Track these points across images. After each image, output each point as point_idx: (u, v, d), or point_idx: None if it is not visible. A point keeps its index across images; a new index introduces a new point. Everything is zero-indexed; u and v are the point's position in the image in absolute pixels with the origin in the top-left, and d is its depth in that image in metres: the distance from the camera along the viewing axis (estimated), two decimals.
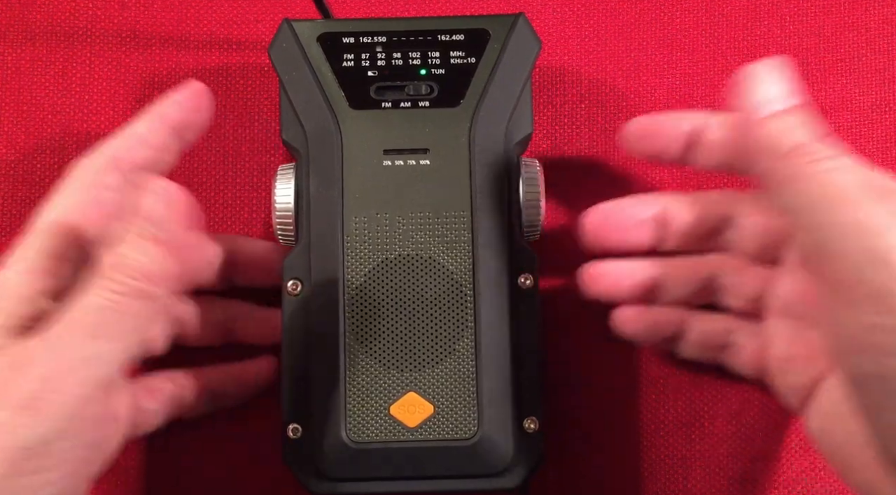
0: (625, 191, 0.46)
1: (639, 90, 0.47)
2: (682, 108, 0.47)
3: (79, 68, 0.47)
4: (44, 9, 0.48)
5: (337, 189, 0.39)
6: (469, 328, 0.38)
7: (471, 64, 0.40)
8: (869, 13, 0.47)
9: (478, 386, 0.38)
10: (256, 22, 0.48)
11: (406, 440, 0.38)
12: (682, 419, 0.44)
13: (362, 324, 0.39)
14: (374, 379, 0.38)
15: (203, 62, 0.47)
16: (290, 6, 0.48)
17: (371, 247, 0.39)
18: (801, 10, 0.48)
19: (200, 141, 0.42)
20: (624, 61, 0.47)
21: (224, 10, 0.48)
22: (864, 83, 0.47)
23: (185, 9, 0.48)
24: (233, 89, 0.47)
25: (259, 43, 0.47)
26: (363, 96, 0.40)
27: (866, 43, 0.47)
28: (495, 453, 0.38)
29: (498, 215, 0.39)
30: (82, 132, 0.47)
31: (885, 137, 0.46)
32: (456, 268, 0.39)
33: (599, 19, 0.48)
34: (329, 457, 0.38)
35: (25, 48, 0.47)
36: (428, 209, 0.39)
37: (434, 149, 0.40)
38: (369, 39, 0.41)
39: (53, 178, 0.46)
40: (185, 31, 0.48)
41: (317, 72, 0.40)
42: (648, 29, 0.48)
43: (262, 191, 0.46)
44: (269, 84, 0.47)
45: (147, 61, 0.47)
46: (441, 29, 0.41)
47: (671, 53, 0.47)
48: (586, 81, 0.47)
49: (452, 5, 0.48)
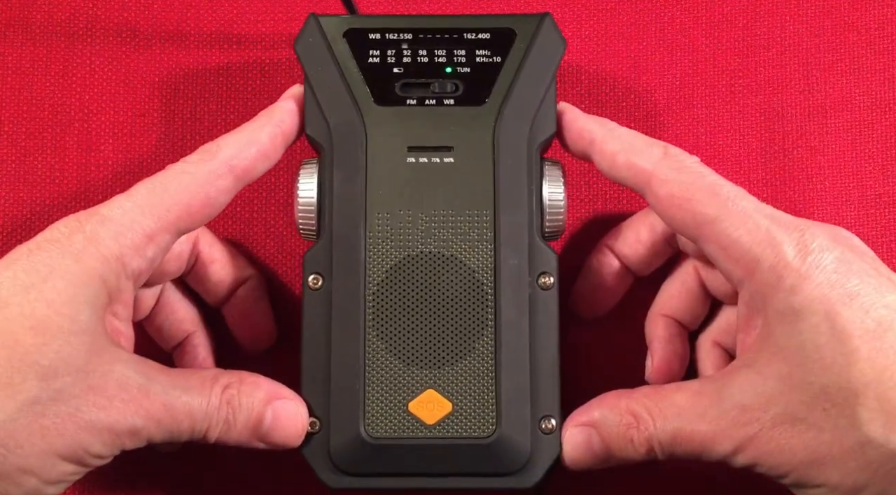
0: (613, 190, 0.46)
1: (639, 90, 0.47)
2: (682, 108, 0.47)
3: (79, 68, 0.47)
4: (44, 9, 0.48)
5: (360, 185, 0.39)
6: (489, 326, 0.39)
7: (496, 63, 0.40)
8: (869, 13, 0.47)
9: (497, 384, 0.38)
10: (256, 22, 0.48)
11: (424, 437, 0.38)
12: None
13: (383, 321, 0.39)
14: (393, 376, 0.38)
15: (203, 62, 0.47)
16: (291, 6, 0.48)
17: (393, 244, 0.39)
18: (801, 10, 0.48)
19: (198, 141, 0.42)
20: (624, 61, 0.47)
21: (224, 10, 0.48)
22: (864, 83, 0.47)
23: (185, 9, 0.48)
24: (233, 89, 0.47)
25: (259, 42, 0.47)
26: (388, 93, 0.40)
27: (866, 43, 0.47)
28: (513, 452, 0.38)
29: (520, 214, 0.39)
30: (82, 132, 0.47)
31: (885, 137, 0.46)
32: (477, 267, 0.39)
33: (599, 19, 0.48)
34: (347, 452, 0.38)
35: (26, 48, 0.47)
36: (450, 207, 0.39)
37: (458, 148, 0.40)
38: (395, 36, 0.41)
39: (53, 178, 0.46)
40: (185, 31, 0.48)
41: (342, 67, 0.40)
42: (648, 29, 0.48)
43: (262, 191, 0.46)
44: (269, 84, 0.47)
45: (147, 61, 0.47)
46: (467, 27, 0.41)
47: (671, 53, 0.47)
48: (586, 81, 0.47)
49: (461, 3, 0.48)
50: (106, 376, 0.35)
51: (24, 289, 0.34)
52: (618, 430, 0.37)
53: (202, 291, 0.43)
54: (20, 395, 0.33)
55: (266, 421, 0.37)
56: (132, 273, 0.36)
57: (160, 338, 0.43)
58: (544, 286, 0.39)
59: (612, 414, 0.37)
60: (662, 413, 0.37)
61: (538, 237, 0.39)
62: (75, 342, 0.34)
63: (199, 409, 0.36)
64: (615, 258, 0.43)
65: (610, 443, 0.37)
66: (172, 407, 0.35)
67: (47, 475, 0.34)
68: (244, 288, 0.43)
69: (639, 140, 0.39)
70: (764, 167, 0.46)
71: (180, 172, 0.37)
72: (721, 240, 0.36)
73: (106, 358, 0.35)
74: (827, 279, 0.35)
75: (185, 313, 0.43)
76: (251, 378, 0.38)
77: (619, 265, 0.43)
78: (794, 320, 0.35)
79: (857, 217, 0.46)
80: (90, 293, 0.35)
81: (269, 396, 0.38)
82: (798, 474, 0.35)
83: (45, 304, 0.34)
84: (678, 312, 0.43)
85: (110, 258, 0.35)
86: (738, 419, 0.35)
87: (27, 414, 0.33)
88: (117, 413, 0.34)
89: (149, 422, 0.35)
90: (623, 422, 0.37)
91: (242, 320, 0.44)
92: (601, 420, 0.38)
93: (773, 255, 0.35)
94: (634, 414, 0.37)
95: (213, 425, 0.37)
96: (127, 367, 0.35)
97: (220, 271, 0.43)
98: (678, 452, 0.37)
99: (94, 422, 0.34)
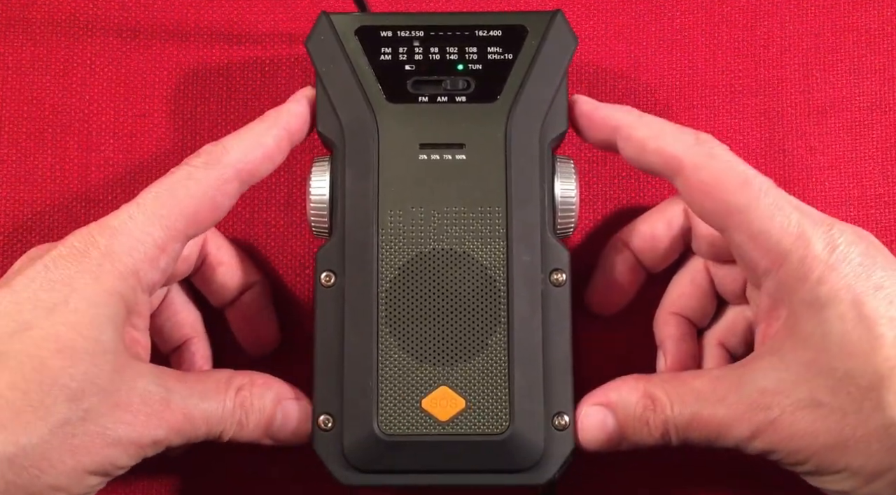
0: (623, 189, 0.46)
1: (639, 90, 0.47)
2: (681, 108, 0.47)
3: (79, 68, 0.47)
4: (44, 9, 0.48)
5: (372, 182, 0.39)
6: (502, 323, 0.39)
7: (508, 60, 0.40)
8: (869, 13, 0.48)
9: (510, 381, 0.38)
10: (257, 21, 0.48)
11: (437, 434, 0.38)
12: None
13: (395, 317, 0.39)
14: (406, 373, 0.38)
15: (203, 62, 0.47)
16: (291, 5, 0.48)
17: (405, 241, 0.39)
18: (801, 10, 0.48)
19: (199, 141, 0.42)
20: (624, 61, 0.47)
21: (224, 10, 0.48)
22: (864, 83, 0.47)
23: (185, 9, 0.48)
24: (234, 89, 0.47)
25: (260, 42, 0.47)
26: (400, 90, 0.40)
27: (866, 43, 0.47)
28: (527, 448, 0.38)
29: (532, 211, 0.39)
30: (83, 132, 0.47)
31: (885, 137, 0.46)
32: (490, 264, 0.39)
33: (599, 19, 0.48)
34: (360, 449, 0.38)
35: (26, 48, 0.47)
36: (463, 204, 0.39)
37: (470, 145, 0.40)
38: (407, 33, 0.41)
39: (53, 178, 0.46)
40: (185, 31, 0.48)
41: (354, 65, 0.40)
42: (648, 29, 0.48)
43: (263, 191, 0.46)
44: (269, 83, 0.47)
45: (147, 61, 0.47)
46: (479, 24, 0.41)
47: (671, 53, 0.47)
48: (587, 82, 0.47)
49: (472, 0, 0.48)
50: (130, 393, 0.35)
51: (46, 311, 0.35)
52: (634, 412, 0.37)
53: (207, 293, 0.43)
54: (51, 418, 0.34)
55: (276, 421, 0.38)
56: (147, 285, 0.37)
57: (160, 339, 0.43)
58: (557, 283, 0.39)
59: (631, 396, 0.37)
60: (681, 397, 0.37)
61: (550, 234, 0.40)
62: (100, 362, 0.35)
63: (216, 415, 0.37)
64: (630, 253, 0.43)
65: (625, 425, 0.37)
66: (192, 415, 0.36)
67: (76, 490, 0.35)
68: (250, 293, 0.43)
69: (668, 126, 0.39)
70: (763, 167, 0.46)
71: (186, 178, 0.37)
72: (751, 231, 0.37)
73: (128, 375, 0.35)
74: (853, 271, 0.35)
75: (187, 316, 0.43)
76: (262, 379, 0.39)
77: (634, 260, 0.43)
78: (821, 309, 0.35)
79: (857, 217, 0.46)
80: (110, 312, 0.35)
81: (278, 396, 0.38)
82: (818, 459, 0.35)
83: (69, 327, 0.34)
84: (688, 310, 0.43)
85: (126, 274, 0.36)
86: (759, 403, 0.35)
87: (58, 435, 0.34)
88: (142, 427, 0.35)
89: (170, 432, 0.36)
90: (640, 405, 0.37)
91: (246, 325, 0.44)
92: (618, 401, 0.38)
93: (802, 248, 0.36)
94: (652, 397, 0.37)
95: (228, 427, 0.37)
96: (149, 382, 0.36)
97: (226, 274, 0.43)
98: (693, 437, 0.37)
99: (121, 438, 0.35)
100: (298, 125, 0.40)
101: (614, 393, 0.38)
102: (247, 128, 0.39)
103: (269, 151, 0.39)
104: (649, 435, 0.37)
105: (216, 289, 0.43)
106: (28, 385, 0.34)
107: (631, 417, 0.37)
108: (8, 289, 0.35)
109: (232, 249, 0.43)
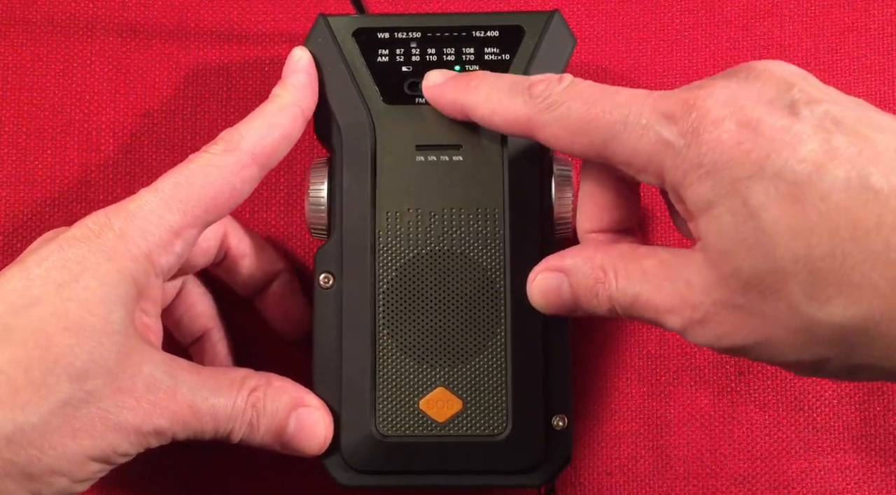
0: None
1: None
2: None
3: (79, 68, 0.47)
4: (44, 9, 0.48)
5: (370, 184, 0.39)
6: (501, 324, 0.39)
7: (505, 60, 0.40)
8: (869, 14, 0.47)
9: (508, 382, 0.38)
10: (256, 21, 0.48)
11: (435, 435, 0.38)
12: (684, 419, 0.44)
13: (394, 319, 0.39)
14: (404, 374, 0.39)
15: (203, 61, 0.47)
16: (291, 5, 0.48)
17: (404, 242, 0.39)
18: (801, 10, 0.48)
19: (199, 141, 0.42)
20: (624, 61, 0.47)
21: (224, 10, 0.48)
22: (864, 83, 0.47)
23: (185, 8, 0.48)
24: (233, 89, 0.47)
25: (259, 42, 0.47)
26: (397, 91, 0.40)
27: (866, 43, 0.47)
28: (525, 450, 0.38)
29: (530, 212, 0.39)
30: (83, 132, 0.47)
31: None
32: (488, 265, 0.39)
33: (599, 20, 0.48)
34: (358, 450, 0.38)
35: (26, 48, 0.47)
36: (460, 205, 0.39)
37: (467, 146, 0.40)
38: (404, 35, 0.41)
39: (54, 178, 0.46)
40: (185, 31, 0.48)
41: (351, 67, 0.40)
42: (648, 29, 0.48)
43: (263, 191, 0.46)
44: (269, 83, 0.47)
45: (147, 61, 0.47)
46: (476, 25, 0.41)
47: (671, 53, 0.47)
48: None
49: (469, 1, 0.48)
50: (135, 377, 0.35)
51: (56, 287, 0.34)
52: (586, 282, 0.36)
53: (235, 285, 0.44)
54: (53, 397, 0.33)
55: (289, 428, 0.37)
56: (161, 269, 0.36)
57: (178, 331, 0.43)
58: None
59: (585, 265, 0.36)
60: (628, 275, 0.35)
61: (549, 234, 0.40)
62: (107, 343, 0.34)
63: (224, 411, 0.36)
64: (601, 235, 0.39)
65: (578, 293, 0.37)
66: (198, 408, 0.36)
67: (77, 475, 0.34)
68: (278, 282, 0.43)
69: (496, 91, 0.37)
70: None
71: (206, 165, 0.37)
72: (621, 159, 0.34)
73: (136, 358, 0.35)
74: (728, 158, 0.32)
75: (205, 308, 0.43)
76: (278, 382, 0.38)
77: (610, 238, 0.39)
78: (709, 210, 0.32)
79: None
80: (122, 292, 0.35)
81: (294, 402, 0.38)
82: (756, 354, 0.34)
83: (79, 304, 0.34)
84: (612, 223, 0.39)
85: (139, 256, 0.35)
86: (687, 299, 0.34)
87: (59, 416, 0.33)
88: (144, 414, 0.35)
89: (174, 423, 0.35)
90: (592, 275, 0.36)
91: (279, 313, 0.44)
92: (573, 268, 0.37)
93: (672, 156, 0.33)
94: (604, 269, 0.36)
95: (237, 427, 0.37)
96: (156, 368, 0.35)
97: (251, 265, 0.43)
98: (636, 316, 0.35)
99: (123, 423, 0.34)
100: (307, 97, 0.40)
101: (570, 260, 0.37)
102: (259, 112, 0.39)
103: (287, 131, 0.39)
104: (599, 306, 0.36)
105: (243, 281, 0.43)
106: (31, 361, 0.33)
107: (583, 287, 0.36)
108: (20, 267, 0.35)
109: (254, 240, 0.43)
